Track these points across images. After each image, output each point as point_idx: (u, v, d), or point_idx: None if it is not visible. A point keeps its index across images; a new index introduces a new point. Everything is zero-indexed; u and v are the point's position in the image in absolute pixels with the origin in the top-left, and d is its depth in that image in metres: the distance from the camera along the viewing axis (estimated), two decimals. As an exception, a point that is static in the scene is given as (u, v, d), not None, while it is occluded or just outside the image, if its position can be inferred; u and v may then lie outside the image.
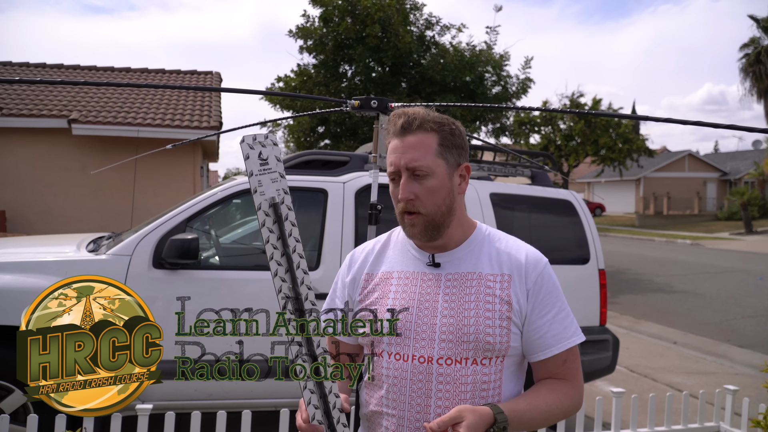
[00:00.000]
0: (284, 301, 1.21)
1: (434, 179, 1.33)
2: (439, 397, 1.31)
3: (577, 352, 1.40)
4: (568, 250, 4.32)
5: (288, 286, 1.22)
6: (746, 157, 39.43)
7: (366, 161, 3.95)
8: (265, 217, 1.22)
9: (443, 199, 1.35)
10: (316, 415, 1.23)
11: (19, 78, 10.41)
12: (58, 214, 9.62)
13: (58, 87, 10.90)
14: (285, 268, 1.22)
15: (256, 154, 1.23)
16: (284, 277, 1.22)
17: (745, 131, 1.81)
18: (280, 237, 1.23)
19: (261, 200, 1.22)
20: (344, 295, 1.49)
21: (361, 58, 11.84)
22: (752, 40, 29.36)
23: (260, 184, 1.23)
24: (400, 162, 1.33)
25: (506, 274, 1.36)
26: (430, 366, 1.31)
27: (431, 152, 1.33)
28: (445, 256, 1.40)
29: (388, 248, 1.48)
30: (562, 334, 1.36)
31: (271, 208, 1.23)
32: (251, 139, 1.24)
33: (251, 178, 1.23)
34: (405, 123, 1.34)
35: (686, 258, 16.93)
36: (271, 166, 1.24)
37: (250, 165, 1.22)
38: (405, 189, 1.32)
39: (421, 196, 1.33)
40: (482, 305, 1.33)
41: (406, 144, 1.33)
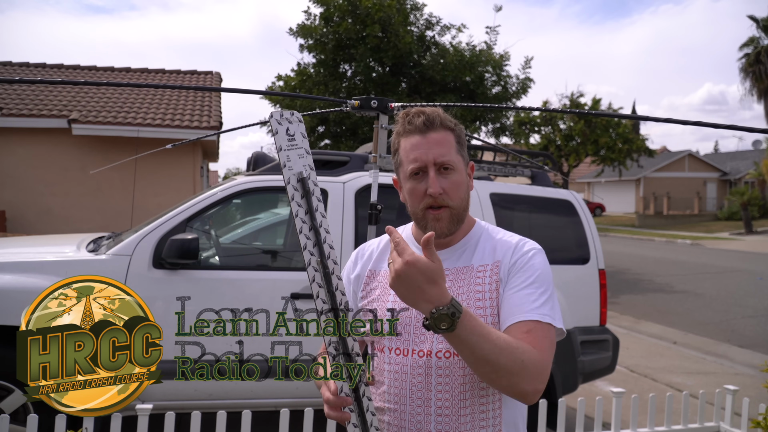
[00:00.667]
0: (313, 273, 1.23)
1: (458, 174, 1.37)
2: (439, 390, 1.33)
3: (547, 331, 1.29)
4: (568, 250, 4.32)
5: (316, 260, 1.24)
6: (746, 157, 39.43)
7: (366, 161, 3.95)
8: (294, 192, 1.25)
9: (465, 192, 1.40)
10: (343, 387, 1.24)
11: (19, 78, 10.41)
12: (58, 214, 9.62)
13: (58, 87, 10.90)
14: (314, 241, 1.24)
15: (284, 129, 1.26)
16: (312, 251, 1.24)
17: (745, 131, 1.81)
18: (308, 211, 1.25)
19: (290, 174, 1.25)
20: (350, 291, 1.52)
21: (361, 58, 11.84)
22: (752, 39, 29.37)
23: (288, 159, 1.25)
24: (427, 157, 1.35)
25: (497, 261, 1.38)
26: (429, 359, 1.33)
27: (453, 148, 1.38)
28: (445, 253, 1.42)
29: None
30: (529, 306, 1.30)
31: (299, 183, 1.25)
32: (279, 115, 1.26)
33: (280, 152, 1.25)
34: (427, 120, 1.37)
35: (686, 258, 16.93)
36: (297, 142, 1.26)
37: (278, 140, 1.25)
38: (435, 183, 1.34)
39: (448, 190, 1.36)
40: (473, 295, 1.35)
41: (431, 140, 1.36)
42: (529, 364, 1.20)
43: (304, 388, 3.49)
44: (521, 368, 1.19)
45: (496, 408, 1.35)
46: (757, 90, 29.11)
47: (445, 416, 1.32)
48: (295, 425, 3.14)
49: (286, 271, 3.78)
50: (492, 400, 1.34)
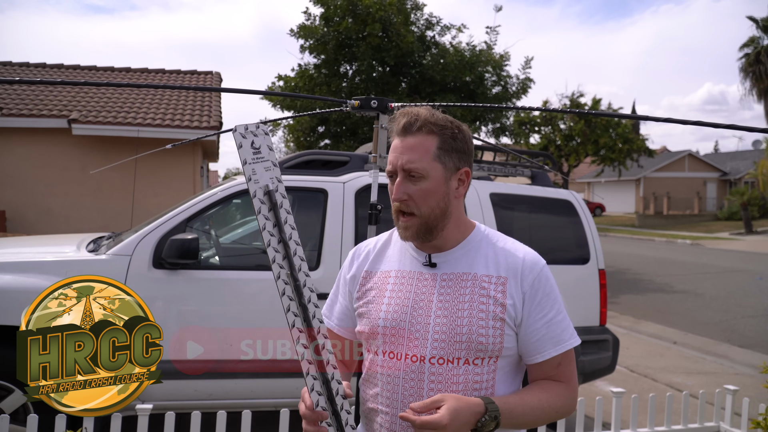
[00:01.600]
0: (283, 286, 1.22)
1: (428, 182, 1.33)
2: (431, 396, 1.31)
3: (572, 355, 1.40)
4: (568, 250, 4.31)
5: (286, 273, 1.23)
6: (746, 157, 39.43)
7: (366, 161, 3.95)
8: (260, 205, 1.24)
9: (437, 202, 1.35)
10: (319, 401, 1.23)
11: (19, 78, 10.42)
12: (58, 214, 9.62)
13: (58, 87, 10.90)
14: (282, 254, 1.24)
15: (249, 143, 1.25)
16: (282, 264, 1.24)
17: (745, 131, 1.81)
18: (276, 224, 1.25)
19: (255, 188, 1.24)
20: (345, 292, 1.52)
21: (362, 58, 11.84)
22: (752, 39, 29.36)
23: (254, 173, 1.25)
24: (397, 162, 1.34)
25: (502, 276, 1.36)
26: (422, 365, 1.32)
27: (428, 155, 1.33)
28: (441, 256, 1.40)
29: (388, 247, 1.50)
30: (559, 337, 1.37)
31: (266, 196, 1.24)
32: (243, 129, 1.26)
33: (245, 166, 1.25)
34: (407, 123, 1.34)
35: (686, 258, 16.93)
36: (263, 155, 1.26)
37: (243, 153, 1.24)
38: (398, 189, 1.34)
39: (414, 198, 1.34)
40: (476, 306, 1.33)
41: (405, 145, 1.34)
42: (563, 406, 1.37)
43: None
44: (559, 413, 1.38)
45: None
46: (757, 90, 29.10)
47: None
48: (295, 425, 3.14)
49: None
50: None
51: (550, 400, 1.35)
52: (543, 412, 1.33)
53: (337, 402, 1.24)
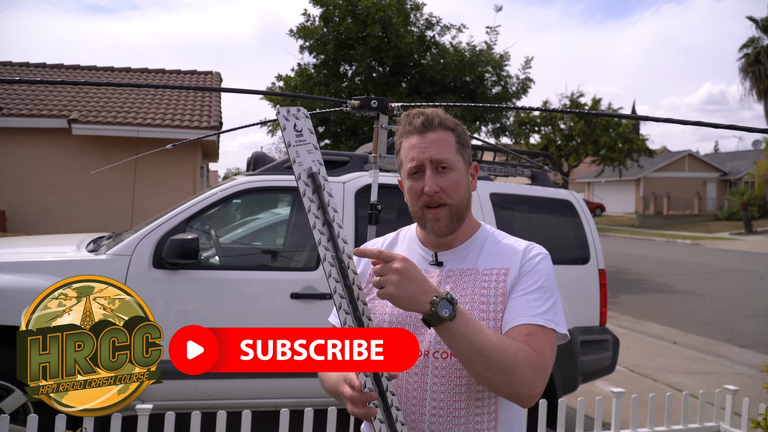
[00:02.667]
0: (329, 268, 1.22)
1: (456, 173, 1.38)
2: (434, 390, 1.32)
3: (549, 335, 1.30)
4: (568, 250, 4.31)
5: (332, 254, 1.23)
6: (746, 157, 39.43)
7: (366, 161, 3.95)
8: (305, 187, 1.24)
9: (464, 191, 1.39)
10: (367, 383, 1.23)
11: (19, 78, 10.42)
12: (58, 214, 9.61)
13: (58, 87, 10.90)
14: (327, 236, 1.24)
15: (292, 125, 1.26)
16: (327, 246, 1.24)
17: (745, 131, 1.82)
18: (320, 206, 1.24)
19: (300, 170, 1.25)
20: None
21: (361, 58, 11.84)
22: (751, 40, 29.36)
23: (298, 155, 1.25)
24: (424, 155, 1.36)
25: (504, 267, 1.38)
26: (426, 359, 1.33)
27: (452, 148, 1.38)
28: (448, 254, 1.42)
29: (395, 245, 1.52)
30: (534, 310, 1.30)
31: (310, 178, 1.25)
32: (285, 111, 1.27)
33: (290, 148, 1.25)
34: (425, 121, 1.38)
35: (686, 258, 16.94)
36: (305, 138, 1.27)
37: (287, 136, 1.25)
38: (431, 182, 1.35)
39: (446, 188, 1.36)
40: (477, 298, 1.34)
41: (429, 140, 1.37)
42: (525, 363, 1.20)
43: (304, 388, 3.49)
44: (515, 368, 1.19)
45: (492, 411, 1.34)
46: (757, 90, 29.10)
47: (439, 416, 1.32)
48: (295, 425, 3.14)
49: (286, 271, 3.78)
50: (488, 402, 1.33)
51: (512, 344, 1.22)
52: (499, 347, 1.19)
53: (383, 383, 1.23)
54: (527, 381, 1.21)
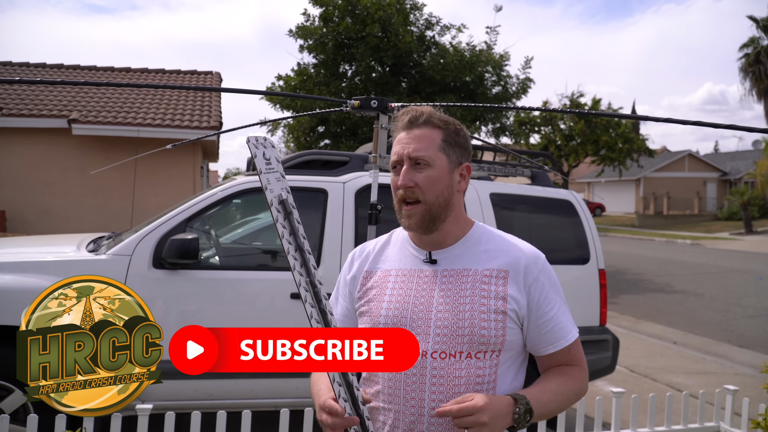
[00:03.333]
0: (305, 293, 1.26)
1: (434, 170, 1.37)
2: (433, 391, 1.32)
3: (578, 341, 1.45)
4: (568, 250, 4.31)
5: (306, 280, 1.27)
6: (746, 157, 39.43)
7: (366, 161, 3.95)
8: (277, 213, 1.29)
9: (442, 191, 1.38)
10: (346, 407, 1.24)
11: (19, 78, 10.41)
12: (58, 214, 9.61)
13: (58, 87, 10.90)
14: (300, 261, 1.28)
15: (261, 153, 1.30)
16: (301, 271, 1.28)
17: (745, 131, 1.82)
18: (291, 232, 1.29)
19: (272, 197, 1.30)
20: (346, 293, 1.52)
21: (361, 58, 11.84)
22: (752, 40, 29.35)
23: (269, 182, 1.31)
24: (403, 151, 1.38)
25: (503, 270, 1.38)
26: (424, 360, 1.33)
27: (434, 145, 1.38)
28: (441, 253, 1.42)
29: (388, 247, 1.51)
30: (567, 326, 1.41)
31: (281, 205, 1.29)
32: (255, 140, 1.31)
33: (261, 175, 1.31)
34: (412, 117, 1.40)
35: (686, 258, 16.93)
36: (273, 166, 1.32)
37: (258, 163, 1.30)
38: (405, 176, 1.37)
39: (420, 185, 1.36)
40: (477, 300, 1.35)
41: (411, 136, 1.39)
42: (581, 387, 1.44)
43: (304, 388, 3.49)
44: (578, 394, 1.44)
45: None
46: (757, 90, 29.10)
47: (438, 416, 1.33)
48: (295, 425, 3.14)
49: (286, 271, 3.78)
50: None
51: (569, 383, 1.41)
52: (564, 395, 1.39)
53: (361, 408, 1.26)
54: (584, 393, 1.47)
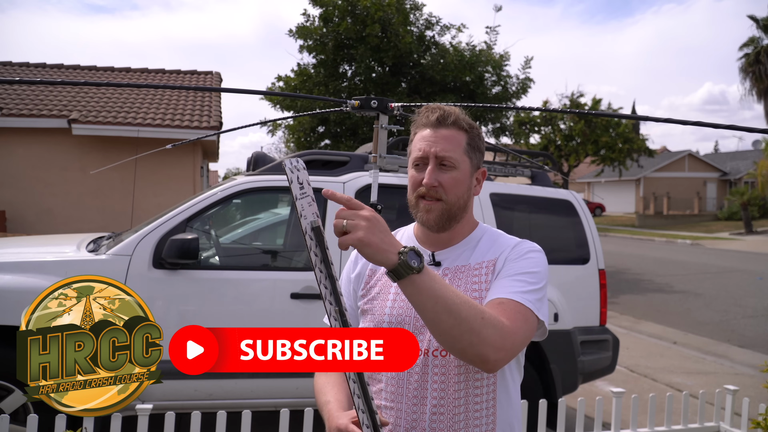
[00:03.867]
0: (334, 323, 1.22)
1: (459, 172, 1.38)
2: (434, 388, 1.34)
3: (525, 312, 1.28)
4: (568, 250, 4.31)
5: (335, 309, 1.22)
6: (746, 157, 39.43)
7: (366, 161, 3.95)
8: (310, 242, 1.23)
9: (463, 192, 1.40)
10: (363, 419, 1.22)
11: (19, 78, 10.42)
12: (58, 214, 9.61)
13: (58, 87, 10.89)
14: (330, 290, 1.23)
15: (296, 177, 1.25)
16: (331, 300, 1.23)
17: (745, 131, 1.82)
18: (323, 260, 1.24)
19: (305, 224, 1.24)
20: (349, 291, 1.53)
21: (361, 58, 11.85)
22: (752, 39, 29.35)
23: (303, 209, 1.24)
24: (430, 149, 1.38)
25: (492, 261, 1.39)
26: (426, 358, 1.35)
27: (460, 148, 1.39)
28: (444, 253, 1.43)
29: None
30: (513, 289, 1.30)
31: (314, 231, 1.23)
32: (290, 164, 1.25)
33: (297, 201, 1.24)
34: (441, 116, 1.39)
35: (686, 258, 16.93)
36: (306, 191, 1.26)
37: (294, 189, 1.24)
38: (431, 175, 1.37)
39: (444, 185, 1.37)
40: (469, 293, 1.36)
41: (439, 135, 1.38)
42: (491, 324, 1.17)
43: (304, 388, 3.49)
44: (481, 326, 1.16)
45: (490, 407, 1.35)
46: (757, 90, 29.10)
47: (440, 414, 1.33)
48: (295, 425, 3.14)
49: (287, 271, 3.78)
50: (486, 399, 1.35)
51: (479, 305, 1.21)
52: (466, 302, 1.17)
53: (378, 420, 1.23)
54: (493, 342, 1.17)
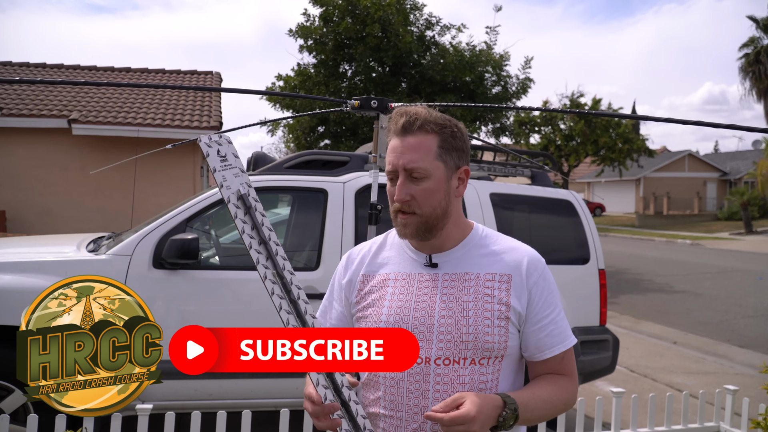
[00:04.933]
0: (271, 285, 1.24)
1: (431, 181, 1.32)
2: (436, 398, 1.29)
3: (572, 351, 1.43)
4: (568, 250, 4.31)
5: (272, 272, 1.24)
6: (746, 157, 39.43)
7: (366, 161, 3.95)
8: (236, 210, 1.27)
9: (439, 201, 1.34)
10: (327, 395, 1.21)
11: (19, 78, 10.41)
12: (58, 214, 9.61)
13: (58, 87, 10.89)
14: (265, 255, 1.25)
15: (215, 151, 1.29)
16: (266, 264, 1.26)
17: (745, 131, 1.82)
18: (253, 226, 1.26)
19: (228, 194, 1.27)
20: (341, 297, 1.48)
21: (361, 58, 11.85)
22: (751, 39, 29.34)
23: (225, 179, 1.28)
24: (398, 162, 1.33)
25: (505, 274, 1.36)
26: (427, 367, 1.31)
27: (430, 154, 1.32)
28: (442, 256, 1.39)
29: (384, 249, 1.48)
30: (563, 333, 1.39)
31: (240, 200, 1.27)
32: (207, 139, 1.30)
33: (215, 173, 1.29)
34: (406, 123, 1.33)
35: (686, 258, 16.93)
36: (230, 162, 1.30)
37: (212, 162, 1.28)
38: (401, 190, 1.32)
39: (417, 198, 1.32)
40: (480, 305, 1.32)
41: (406, 144, 1.32)
42: (570, 397, 1.41)
43: (303, 388, 3.49)
44: (566, 404, 1.41)
45: None
46: (757, 90, 29.09)
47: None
48: (295, 425, 3.14)
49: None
50: None
51: (559, 393, 1.38)
52: (552, 405, 1.36)
53: (344, 393, 1.23)
54: (572, 404, 1.44)
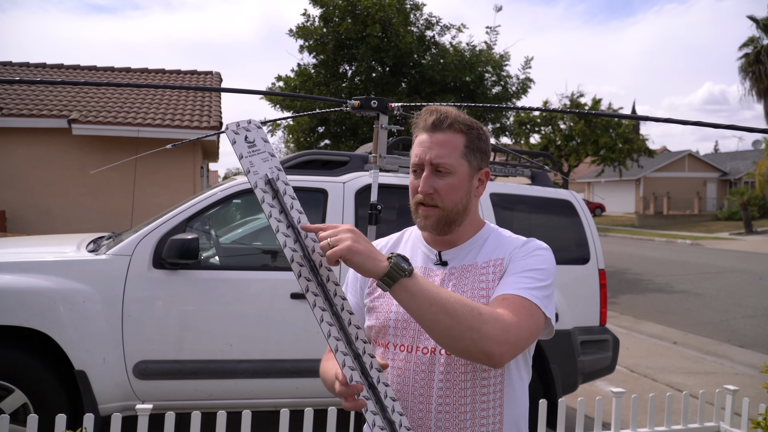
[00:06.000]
0: (298, 268, 1.20)
1: (455, 178, 1.36)
2: (441, 387, 1.33)
3: (530, 307, 1.27)
4: (568, 250, 4.31)
5: (300, 255, 1.21)
6: (746, 157, 39.44)
7: (366, 161, 3.95)
8: (263, 194, 1.22)
9: (461, 198, 1.38)
10: (353, 376, 1.20)
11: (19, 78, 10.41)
12: (58, 214, 9.61)
13: (58, 87, 10.90)
14: (293, 238, 1.22)
15: (242, 138, 1.25)
16: (294, 247, 1.22)
17: (745, 131, 1.82)
18: (282, 210, 1.22)
19: (255, 179, 1.22)
20: (356, 288, 1.52)
21: (361, 58, 11.85)
22: (751, 39, 29.33)
23: (252, 165, 1.24)
24: (425, 156, 1.36)
25: (499, 258, 1.39)
26: (433, 357, 1.34)
27: (457, 152, 1.37)
28: (451, 252, 1.43)
29: (399, 245, 1.53)
30: (518, 285, 1.30)
31: (267, 185, 1.23)
32: (235, 125, 1.26)
33: (242, 160, 1.24)
34: (436, 120, 1.37)
35: (686, 258, 16.93)
36: (259, 147, 1.26)
37: (238, 149, 1.24)
38: (425, 183, 1.36)
39: (440, 191, 1.36)
40: (477, 292, 1.35)
41: (434, 140, 1.37)
42: (490, 319, 1.18)
43: (304, 388, 3.49)
44: (481, 321, 1.16)
45: (497, 406, 1.35)
46: (757, 90, 29.08)
47: (446, 413, 1.33)
48: (295, 425, 3.15)
49: (287, 271, 3.78)
50: (494, 398, 1.34)
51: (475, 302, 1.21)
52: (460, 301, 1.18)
53: (372, 375, 1.21)
54: (494, 336, 1.17)
